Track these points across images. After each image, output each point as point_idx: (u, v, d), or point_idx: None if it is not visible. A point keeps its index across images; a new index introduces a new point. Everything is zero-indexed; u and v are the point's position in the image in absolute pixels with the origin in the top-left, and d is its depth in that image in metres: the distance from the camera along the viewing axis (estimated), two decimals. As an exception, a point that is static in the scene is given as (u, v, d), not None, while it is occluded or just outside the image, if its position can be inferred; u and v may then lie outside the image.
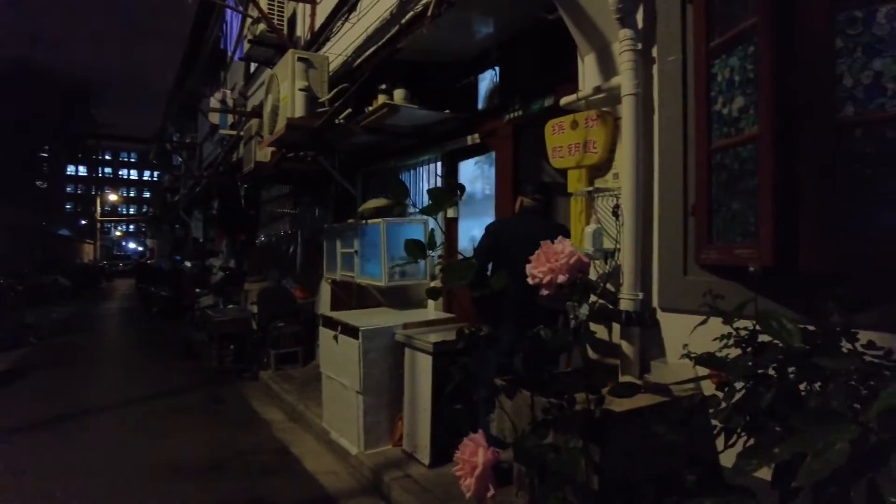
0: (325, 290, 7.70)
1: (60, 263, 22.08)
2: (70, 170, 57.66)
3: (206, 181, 11.47)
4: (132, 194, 72.12)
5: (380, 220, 4.93)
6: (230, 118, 8.57)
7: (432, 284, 5.04)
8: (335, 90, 4.68)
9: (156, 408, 5.73)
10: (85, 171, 62.59)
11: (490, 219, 4.70)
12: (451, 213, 5.02)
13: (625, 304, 2.62)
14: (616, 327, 2.74)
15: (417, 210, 5.12)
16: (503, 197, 4.39)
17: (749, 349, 1.44)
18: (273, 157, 6.25)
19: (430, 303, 5.08)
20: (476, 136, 4.58)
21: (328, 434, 4.68)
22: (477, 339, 3.36)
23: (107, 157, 67.41)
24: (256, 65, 9.00)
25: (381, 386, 4.25)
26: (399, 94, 4.45)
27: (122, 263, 42.79)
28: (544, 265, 1.16)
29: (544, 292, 1.20)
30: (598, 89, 2.86)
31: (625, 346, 2.62)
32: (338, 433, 4.56)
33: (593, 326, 2.90)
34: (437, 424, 3.84)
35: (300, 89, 4.52)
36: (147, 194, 70.87)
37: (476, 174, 4.97)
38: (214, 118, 8.48)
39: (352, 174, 6.52)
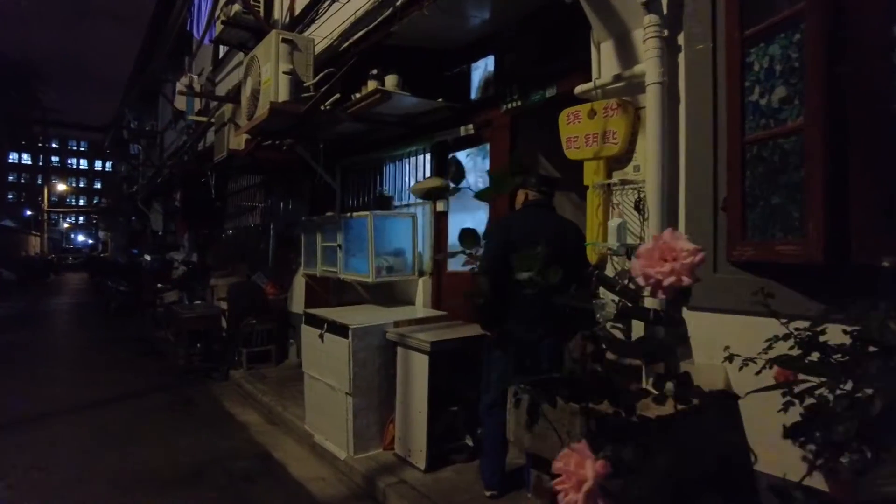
0: (299, 286, 7.41)
1: (3, 256, 20.81)
2: (13, 157, 54.80)
3: (168, 171, 10.94)
4: (82, 185, 69.05)
5: (367, 213, 4.71)
6: (197, 104, 8.15)
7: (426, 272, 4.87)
8: (321, 74, 4.43)
9: (121, 411, 5.36)
10: (29, 159, 59.56)
11: (482, 213, 4.56)
12: (440, 206, 4.84)
13: (650, 302, 2.50)
14: (639, 326, 2.63)
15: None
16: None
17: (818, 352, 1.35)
18: (248, 145, 5.92)
19: (419, 299, 4.90)
20: (470, 126, 4.41)
21: (312, 437, 4.45)
22: (487, 340, 3.21)
23: (54, 146, 64.27)
24: (226, 49, 8.58)
25: (372, 387, 4.05)
26: (391, 81, 4.24)
27: (71, 257, 40.90)
28: (662, 265, 1.00)
29: (661, 296, 1.04)
30: (618, 77, 2.73)
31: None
32: (323, 436, 4.34)
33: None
34: (433, 428, 3.67)
35: (284, 72, 4.26)
36: (99, 185, 67.93)
37: (468, 167, 4.79)
38: (181, 103, 8.04)
39: (331, 165, 6.26)
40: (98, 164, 68.93)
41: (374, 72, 4.28)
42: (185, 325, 6.66)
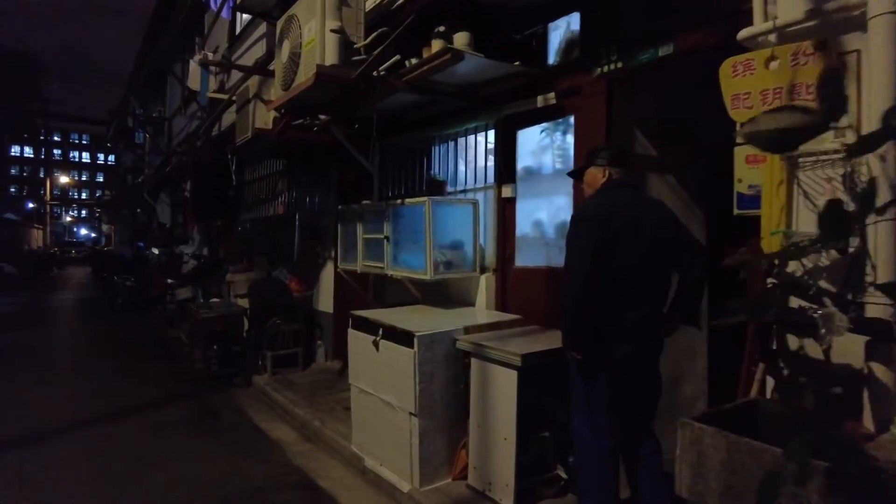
0: (327, 282, 6.76)
1: (6, 250, 20.19)
2: (14, 150, 54.25)
3: (179, 159, 10.26)
4: (84, 178, 68.58)
5: (423, 199, 4.03)
6: (212, 84, 7.47)
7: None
8: (374, 35, 3.74)
9: (134, 426, 4.72)
10: (31, 152, 58.93)
11: (561, 198, 3.89)
12: (506, 191, 4.17)
13: (874, 311, 1.83)
14: (839, 343, 1.96)
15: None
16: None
17: None
18: (277, 124, 5.25)
19: (480, 300, 4.23)
20: (550, 95, 3.72)
21: (362, 461, 3.80)
22: (597, 355, 2.56)
23: (56, 139, 63.62)
24: (245, 24, 7.89)
25: (440, 405, 3.39)
26: (461, 39, 3.56)
27: (74, 250, 40.31)
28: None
29: None
30: (813, 13, 2.05)
31: (877, 369, 1.84)
32: (376, 461, 3.68)
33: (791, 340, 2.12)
34: (521, 457, 3.01)
35: (332, 30, 3.57)
36: (101, 178, 67.49)
37: (543, 145, 4.12)
38: (195, 82, 7.34)
39: (368, 148, 5.58)
40: (100, 158, 68.59)
41: (441, 29, 3.60)
42: (203, 326, 6.00)
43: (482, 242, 4.27)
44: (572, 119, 3.72)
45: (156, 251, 12.86)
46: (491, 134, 4.32)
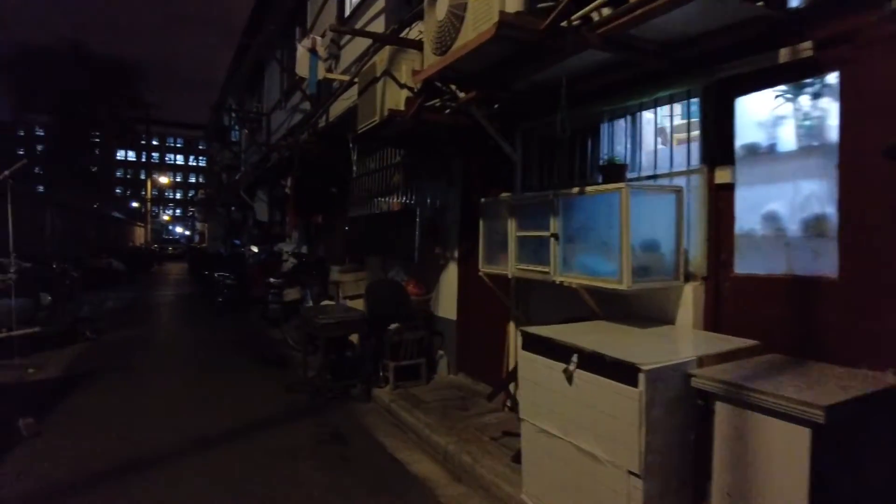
0: (448, 285, 6.04)
1: (114, 246, 21.18)
2: (119, 154, 58.27)
3: (283, 153, 9.91)
4: (178, 179, 72.91)
5: (617, 186, 3.16)
6: (321, 71, 6.93)
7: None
8: (562, -24, 2.91)
9: (256, 450, 4.16)
10: (133, 155, 63.19)
11: (812, 184, 2.91)
12: (721, 175, 3.22)
13: None
14: None
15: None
16: (862, 146, 2.58)
17: None
18: (410, 105, 4.55)
19: (684, 316, 3.30)
20: (803, 46, 2.76)
21: (541, 519, 2.99)
22: None
23: (154, 143, 67.92)
24: (355, 6, 7.32)
25: (668, 464, 2.52)
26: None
27: (171, 247, 42.55)
28: None
29: None
30: None
31: None
32: (565, 524, 2.86)
33: None
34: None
35: (514, -30, 2.78)
36: (193, 179, 71.73)
37: (779, 114, 3.13)
38: (302, 68, 6.83)
39: (509, 131, 4.78)
40: (192, 160, 73.04)
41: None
42: (322, 333, 5.41)
43: (685, 242, 3.35)
44: (832, 78, 2.74)
45: (254, 249, 12.75)
46: (694, 104, 3.38)
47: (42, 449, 4.09)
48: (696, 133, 3.42)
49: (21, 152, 34.94)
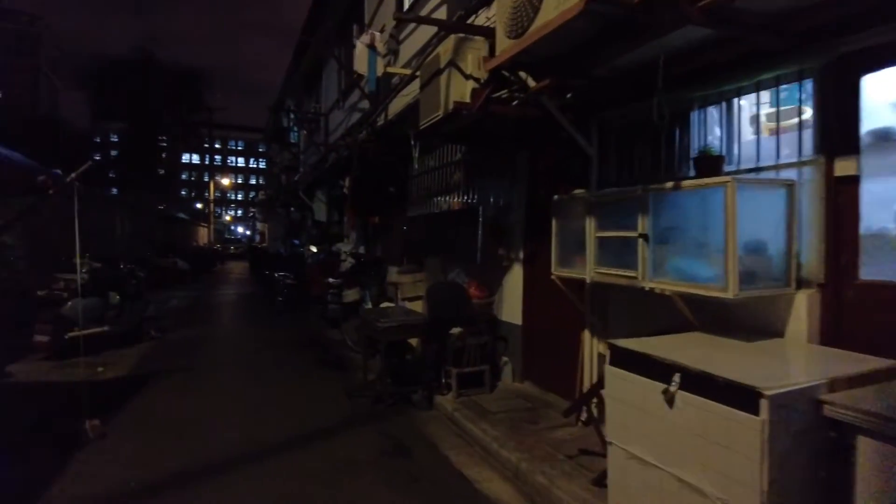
0: (512, 288, 5.74)
1: (179, 246, 21.96)
2: (185, 157, 60.93)
3: (341, 153, 9.87)
4: (239, 181, 75.52)
5: (722, 180, 2.78)
6: (381, 66, 6.76)
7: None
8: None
9: (319, 460, 3.99)
10: (197, 158, 65.92)
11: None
12: (842, 167, 2.78)
13: None
14: None
15: None
16: None
17: None
18: (476, 98, 4.28)
19: (795, 328, 2.89)
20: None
21: (633, 556, 2.66)
22: None
23: (216, 146, 70.60)
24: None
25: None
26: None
27: (233, 247, 44.05)
28: None
29: None
30: None
31: None
32: (663, 564, 2.51)
33: None
34: None
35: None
36: (253, 181, 74.25)
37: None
38: (361, 64, 6.68)
39: (583, 123, 4.43)
40: (252, 162, 75.70)
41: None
42: (383, 337, 5.23)
43: (798, 244, 2.93)
44: None
45: (313, 249, 12.82)
46: (807, 85, 2.95)
47: (107, 451, 4.07)
48: (808, 119, 2.99)
49: (97, 157, 36.96)
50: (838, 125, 2.80)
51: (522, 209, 5.59)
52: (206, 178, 58.19)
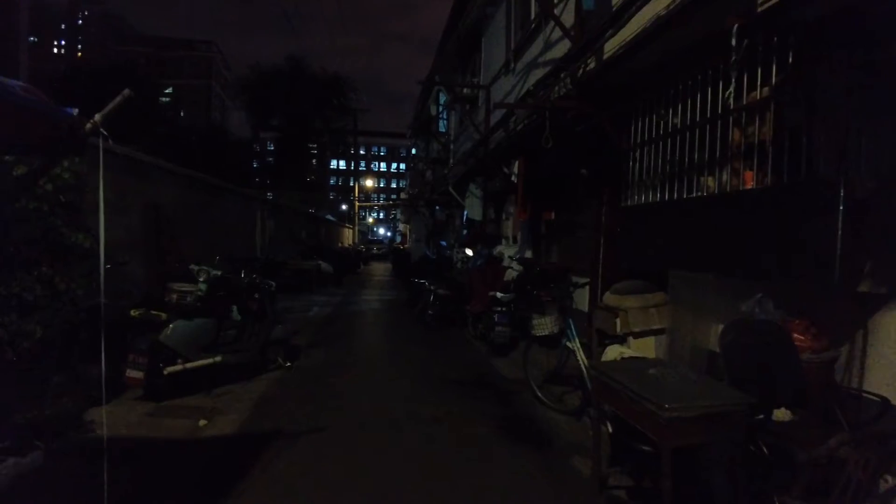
0: (881, 337, 2.91)
1: (324, 247, 21.25)
2: (332, 163, 63.69)
3: (517, 126, 7.56)
4: (381, 185, 77.86)
5: None
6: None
7: None
8: None
9: None
10: (344, 164, 68.84)
11: None
12: None
13: None
14: None
15: None
16: None
17: None
18: None
19: None
20: None
21: None
22: None
23: (361, 152, 73.23)
24: None
25: None
26: None
27: (376, 248, 44.40)
28: None
29: None
30: None
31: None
32: None
33: None
34: None
35: None
36: (395, 184, 76.24)
37: None
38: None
39: None
40: (394, 167, 78.00)
41: None
42: (666, 436, 2.66)
43: None
44: None
45: (468, 252, 10.67)
46: None
47: None
48: None
49: (255, 165, 38.82)
50: None
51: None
52: (351, 182, 60.26)
